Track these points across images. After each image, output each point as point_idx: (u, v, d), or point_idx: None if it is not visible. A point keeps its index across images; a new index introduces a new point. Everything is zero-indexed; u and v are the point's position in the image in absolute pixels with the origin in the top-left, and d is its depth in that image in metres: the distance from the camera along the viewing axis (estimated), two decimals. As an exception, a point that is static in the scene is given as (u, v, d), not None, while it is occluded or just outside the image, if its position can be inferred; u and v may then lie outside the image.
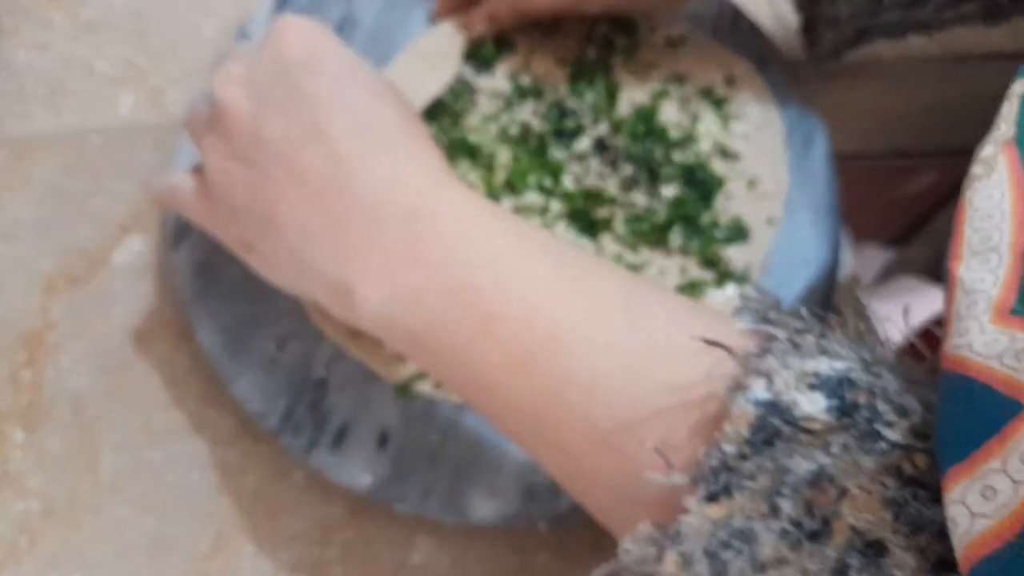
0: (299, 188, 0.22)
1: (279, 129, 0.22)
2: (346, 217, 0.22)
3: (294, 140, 0.22)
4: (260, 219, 0.23)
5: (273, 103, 0.23)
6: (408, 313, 0.21)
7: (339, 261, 0.22)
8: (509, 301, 0.20)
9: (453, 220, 0.21)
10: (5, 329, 0.32)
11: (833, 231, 0.33)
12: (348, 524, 0.30)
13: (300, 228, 0.22)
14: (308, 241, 0.22)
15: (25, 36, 0.38)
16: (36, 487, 0.30)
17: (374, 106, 0.23)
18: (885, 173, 0.65)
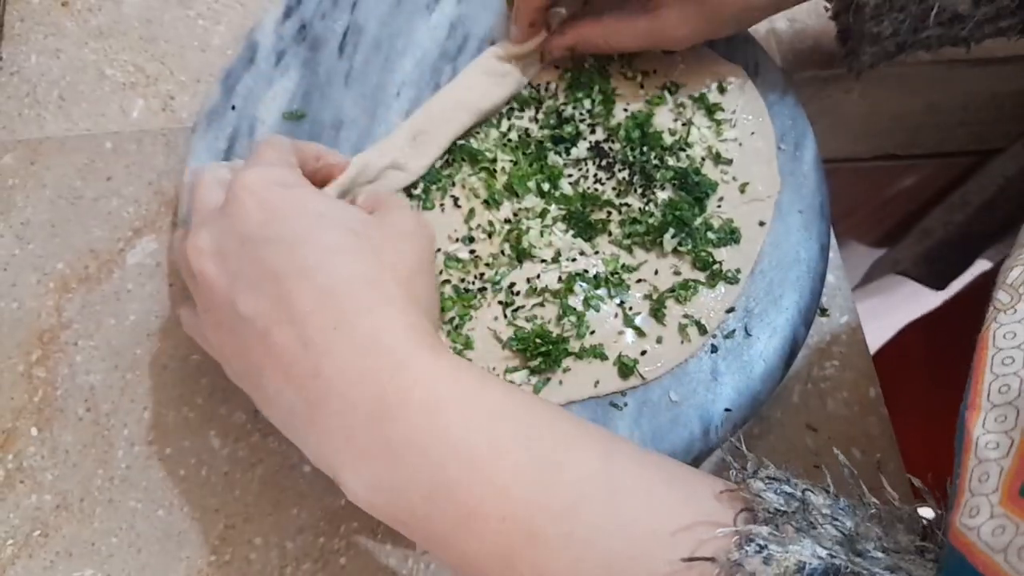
0: (277, 367, 0.23)
1: (252, 306, 0.23)
2: (321, 403, 0.22)
3: (266, 318, 0.23)
4: (252, 380, 0.24)
5: (243, 279, 0.23)
6: (391, 504, 0.22)
7: (322, 446, 0.22)
8: (485, 497, 0.20)
9: (421, 410, 0.21)
10: (20, 327, 0.33)
11: (823, 233, 0.34)
12: (354, 516, 0.31)
13: (284, 402, 0.23)
14: (292, 416, 0.23)
15: (37, 42, 0.39)
16: (49, 481, 0.31)
17: (332, 272, 0.23)
18: (875, 175, 0.66)
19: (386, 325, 0.22)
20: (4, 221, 0.35)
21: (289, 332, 0.22)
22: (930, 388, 0.54)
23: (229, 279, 0.23)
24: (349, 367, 0.22)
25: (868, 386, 0.36)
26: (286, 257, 0.23)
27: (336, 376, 0.22)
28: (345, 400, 0.22)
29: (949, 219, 0.65)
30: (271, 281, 0.23)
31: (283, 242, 0.23)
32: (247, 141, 0.34)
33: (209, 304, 0.24)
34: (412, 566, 0.31)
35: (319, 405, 0.22)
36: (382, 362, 0.22)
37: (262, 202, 0.24)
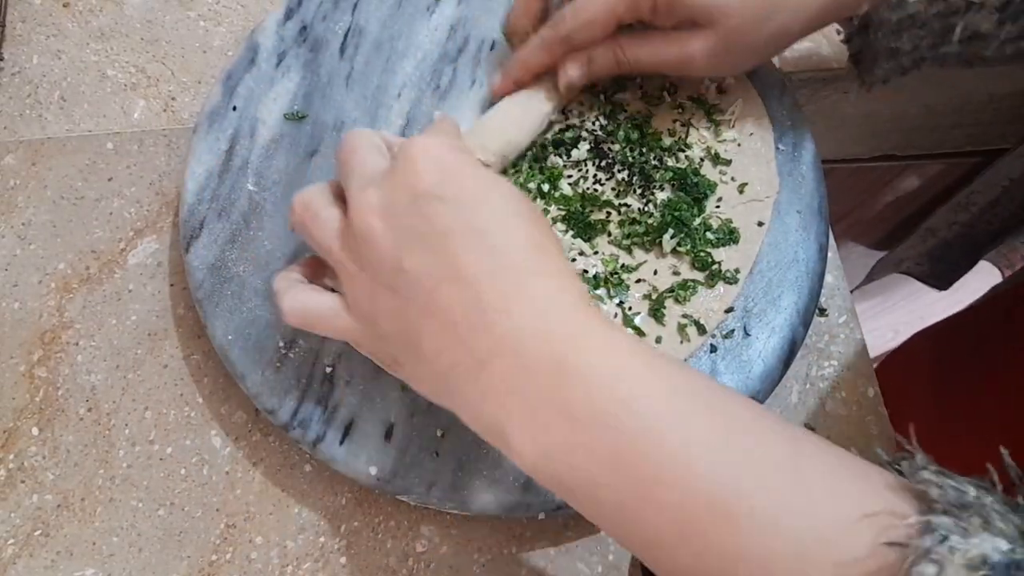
0: (441, 323, 0.22)
1: (418, 263, 0.23)
2: (491, 359, 0.22)
3: (433, 275, 0.22)
4: (407, 344, 0.24)
5: (411, 235, 0.23)
6: (563, 468, 0.21)
7: (489, 402, 0.22)
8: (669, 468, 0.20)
9: (603, 376, 0.21)
10: (21, 327, 0.33)
11: (821, 233, 0.34)
12: (354, 515, 0.31)
13: (445, 361, 0.23)
14: (455, 374, 0.23)
15: (38, 43, 0.39)
16: (51, 481, 0.31)
17: (508, 234, 0.23)
18: (873, 175, 0.67)
19: (562, 291, 0.22)
20: (6, 221, 0.35)
21: (460, 290, 0.22)
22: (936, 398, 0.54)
23: (396, 235, 0.23)
24: (526, 328, 0.21)
25: (866, 386, 0.36)
26: (460, 216, 0.23)
27: (511, 335, 0.21)
28: (521, 360, 0.21)
29: (954, 219, 0.65)
30: (441, 238, 0.22)
31: (457, 201, 0.23)
32: (248, 142, 0.34)
33: (368, 262, 0.24)
34: (412, 565, 0.31)
35: (489, 362, 0.22)
36: (561, 327, 0.21)
37: (438, 162, 0.23)
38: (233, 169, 0.33)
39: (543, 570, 0.31)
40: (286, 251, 0.32)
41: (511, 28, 0.35)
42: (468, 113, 0.36)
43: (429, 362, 0.23)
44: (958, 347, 0.56)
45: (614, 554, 0.32)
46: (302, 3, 0.37)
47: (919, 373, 0.58)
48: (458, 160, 0.24)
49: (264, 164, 0.34)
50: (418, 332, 0.23)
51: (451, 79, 0.36)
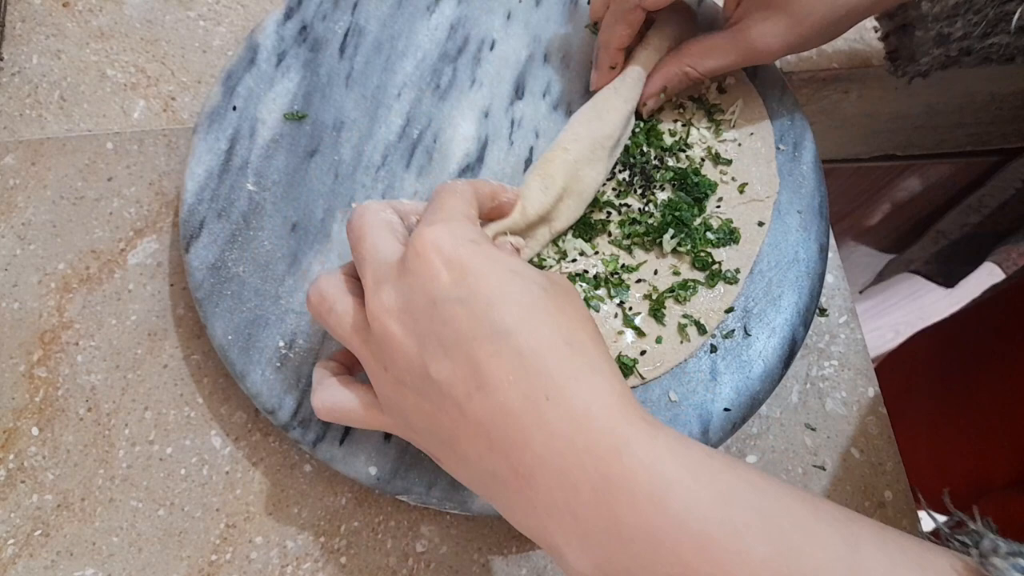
0: (476, 434, 0.21)
1: (445, 372, 0.22)
2: (531, 474, 0.21)
3: (461, 385, 0.21)
4: (441, 443, 0.23)
5: (433, 342, 0.22)
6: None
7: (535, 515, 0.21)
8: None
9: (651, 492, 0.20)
10: (21, 327, 0.33)
11: (821, 233, 0.34)
12: (354, 515, 0.31)
13: (485, 470, 0.22)
14: (495, 483, 0.22)
15: (38, 43, 0.39)
16: (51, 481, 0.31)
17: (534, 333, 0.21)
18: (874, 175, 0.67)
19: (598, 396, 0.21)
20: (5, 221, 0.35)
21: (490, 401, 0.21)
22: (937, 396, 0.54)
23: (418, 341, 0.22)
24: (565, 443, 0.20)
25: (867, 386, 0.36)
26: (481, 318, 0.21)
27: (550, 451, 0.20)
28: (564, 478, 0.20)
29: (965, 221, 0.65)
30: (465, 344, 0.21)
31: (476, 302, 0.22)
32: (248, 142, 0.34)
33: (392, 364, 0.23)
34: (412, 565, 0.31)
35: (531, 478, 0.21)
36: (602, 439, 0.20)
37: (450, 261, 0.22)
38: (233, 169, 0.33)
39: (543, 570, 0.31)
40: (286, 251, 0.32)
41: (593, 13, 0.35)
42: (468, 113, 0.36)
43: (468, 466, 0.22)
44: (959, 347, 0.56)
45: (614, 554, 0.32)
46: (302, 3, 0.37)
47: (919, 373, 0.58)
48: (472, 254, 0.22)
49: (264, 164, 0.34)
50: (453, 437, 0.22)
51: (451, 79, 0.36)
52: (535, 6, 0.38)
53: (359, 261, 0.24)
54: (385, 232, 0.25)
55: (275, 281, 0.32)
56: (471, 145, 0.35)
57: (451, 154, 0.35)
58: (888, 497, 0.34)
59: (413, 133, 0.35)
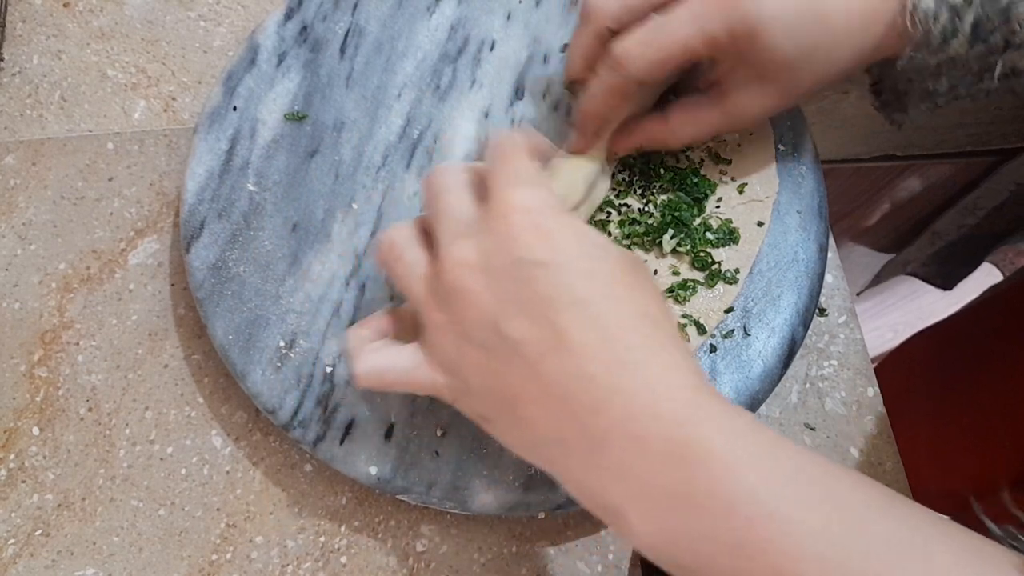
0: (546, 396, 0.21)
1: (520, 329, 0.22)
2: (606, 439, 0.21)
3: (537, 345, 0.21)
4: (501, 403, 0.23)
5: (510, 299, 0.22)
6: (685, 553, 0.20)
7: (603, 481, 0.21)
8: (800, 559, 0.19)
9: (726, 461, 0.20)
10: (22, 327, 0.33)
11: (821, 233, 0.34)
12: (354, 514, 0.31)
13: (549, 429, 0.22)
14: (559, 447, 0.22)
15: (39, 43, 0.39)
16: (51, 481, 0.31)
17: (615, 304, 0.22)
18: (874, 175, 0.67)
19: (675, 368, 0.21)
20: (6, 221, 0.35)
21: (567, 363, 0.21)
22: (936, 396, 0.54)
23: (494, 297, 0.22)
24: (642, 408, 0.21)
25: (866, 385, 0.36)
26: (565, 284, 0.22)
27: (626, 415, 0.21)
28: (638, 442, 0.21)
29: (962, 222, 0.65)
30: (546, 307, 0.21)
31: (561, 268, 0.22)
32: (248, 142, 0.34)
33: (461, 318, 0.23)
34: (412, 565, 0.31)
35: (602, 441, 0.21)
36: (679, 407, 0.21)
37: (536, 226, 0.22)
38: (233, 169, 0.33)
39: (543, 570, 0.31)
40: (286, 251, 0.32)
41: (571, 75, 0.32)
42: (468, 113, 0.36)
43: (528, 428, 0.22)
44: (958, 347, 0.56)
45: (614, 553, 0.32)
46: (302, 3, 0.37)
47: (919, 373, 0.58)
48: (556, 222, 0.23)
49: (264, 164, 0.34)
50: (516, 397, 0.22)
51: (451, 79, 0.36)
52: (535, 6, 0.38)
53: (435, 215, 0.24)
54: (464, 191, 0.25)
55: (276, 281, 0.32)
56: (471, 145, 0.35)
57: (451, 155, 0.35)
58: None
59: (413, 133, 0.35)
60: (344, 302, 0.32)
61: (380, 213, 0.33)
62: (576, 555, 0.32)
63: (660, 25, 0.27)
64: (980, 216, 0.63)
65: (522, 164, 0.24)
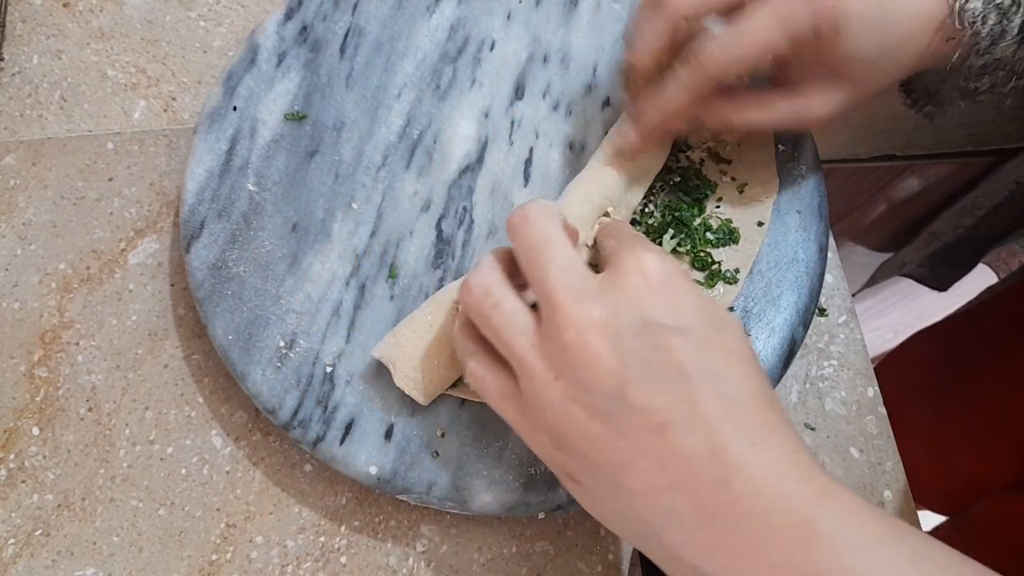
0: (663, 465, 0.21)
1: (647, 398, 0.21)
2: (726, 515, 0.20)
3: (663, 414, 0.21)
4: (601, 468, 0.22)
5: (642, 366, 0.21)
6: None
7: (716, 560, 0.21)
8: None
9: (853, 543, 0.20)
10: (22, 327, 0.33)
11: (821, 233, 0.34)
12: (354, 514, 0.31)
13: (659, 504, 0.21)
14: (668, 520, 0.21)
15: (39, 43, 0.39)
16: (51, 481, 0.31)
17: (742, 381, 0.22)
18: (874, 175, 0.67)
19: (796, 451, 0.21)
20: (6, 221, 0.35)
21: (695, 436, 0.21)
22: (936, 396, 0.54)
23: (621, 360, 0.21)
24: (768, 488, 0.20)
25: (866, 386, 0.36)
26: (696, 354, 0.21)
27: (753, 492, 0.20)
28: (762, 522, 0.20)
29: (959, 223, 0.65)
30: (678, 376, 0.21)
31: (693, 337, 0.22)
32: (248, 142, 0.34)
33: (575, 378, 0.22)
34: (412, 565, 0.31)
35: (720, 518, 0.20)
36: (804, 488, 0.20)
37: (668, 289, 0.22)
38: (233, 169, 0.33)
39: (543, 570, 0.31)
40: (286, 251, 0.32)
41: (635, 63, 0.29)
42: (468, 113, 0.36)
43: (631, 499, 0.22)
44: (957, 347, 0.56)
45: (614, 554, 0.32)
46: (302, 3, 0.37)
47: (919, 373, 0.58)
48: (686, 289, 0.22)
49: (264, 164, 0.34)
50: (626, 466, 0.21)
51: (451, 79, 0.36)
52: (535, 6, 0.38)
53: (543, 263, 0.23)
54: (569, 244, 0.24)
55: (275, 281, 0.32)
56: (471, 145, 0.35)
57: (451, 154, 0.35)
58: (888, 497, 0.34)
59: (413, 133, 0.35)
60: (344, 302, 0.32)
61: (380, 213, 0.33)
62: (576, 555, 0.31)
63: (743, 25, 0.27)
64: (978, 217, 0.63)
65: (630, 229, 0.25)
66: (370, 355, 0.31)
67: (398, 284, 0.32)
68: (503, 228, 0.34)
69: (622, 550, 0.32)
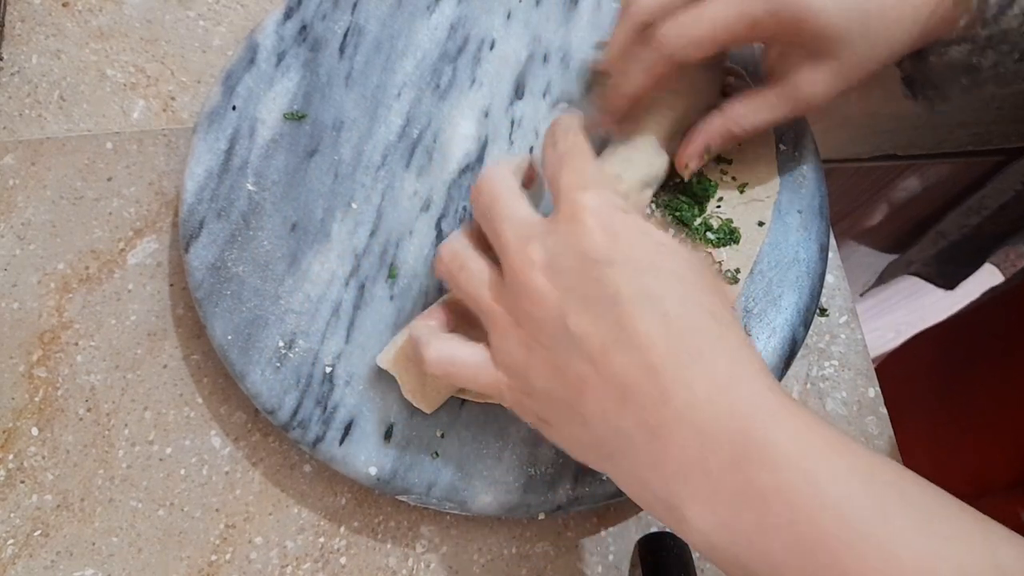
0: (609, 388, 0.22)
1: (586, 325, 0.22)
2: (666, 431, 0.21)
3: (602, 339, 0.22)
4: (563, 404, 0.23)
5: (578, 297, 0.22)
6: (746, 550, 0.20)
7: (661, 475, 0.21)
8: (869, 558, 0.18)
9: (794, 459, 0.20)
10: (21, 327, 0.33)
11: (822, 233, 0.34)
12: (354, 515, 0.31)
13: (611, 426, 0.22)
14: (620, 440, 0.22)
15: (38, 42, 0.39)
16: (50, 481, 0.31)
17: (683, 301, 0.22)
18: (876, 175, 0.66)
19: (742, 365, 0.21)
20: (5, 221, 0.35)
21: (631, 356, 0.21)
22: (937, 396, 0.54)
23: (561, 295, 0.22)
24: (708, 402, 0.21)
25: (867, 386, 0.36)
26: (631, 281, 0.22)
27: (690, 409, 0.21)
28: (703, 435, 0.20)
29: (965, 222, 0.65)
30: (611, 302, 0.22)
31: (628, 265, 0.22)
32: (247, 142, 0.34)
33: (527, 318, 0.23)
34: (412, 566, 0.31)
35: (665, 434, 0.21)
36: (746, 402, 0.21)
37: (605, 226, 0.23)
38: (233, 169, 0.33)
39: (543, 571, 0.31)
40: (285, 251, 0.32)
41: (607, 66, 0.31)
42: (468, 112, 0.36)
43: (588, 425, 0.22)
44: (959, 347, 0.56)
45: (614, 554, 0.32)
46: (302, 2, 0.37)
47: (920, 373, 0.58)
48: (627, 222, 0.23)
49: (264, 164, 0.34)
50: (579, 394, 0.22)
51: (451, 78, 0.36)
52: (535, 6, 0.38)
53: (495, 219, 0.25)
54: (518, 195, 0.25)
55: (275, 281, 0.32)
56: (471, 145, 0.35)
57: (451, 154, 0.35)
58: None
59: (413, 133, 0.35)
60: (343, 302, 0.32)
61: (379, 213, 0.33)
62: (576, 555, 0.31)
63: (701, 9, 0.28)
64: (984, 216, 0.63)
65: (585, 163, 0.25)
66: (370, 355, 0.31)
67: (398, 284, 0.32)
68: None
69: (622, 551, 0.32)
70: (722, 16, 0.27)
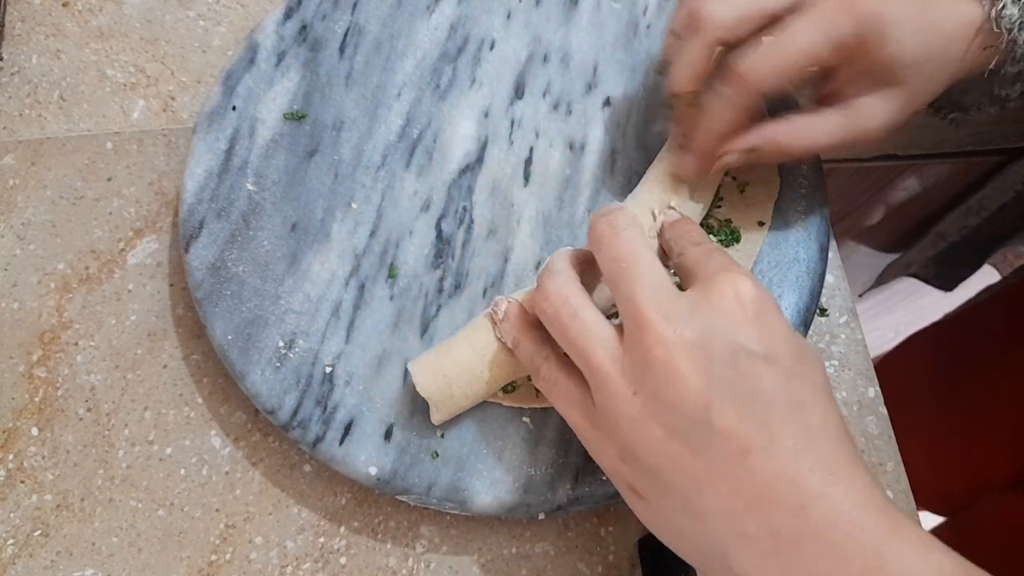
0: (742, 491, 0.21)
1: (730, 421, 0.21)
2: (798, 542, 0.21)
3: (747, 440, 0.21)
4: (672, 489, 0.22)
5: (727, 388, 0.22)
6: None
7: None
8: None
9: None
10: (21, 327, 0.33)
11: (822, 233, 0.34)
12: (354, 515, 0.31)
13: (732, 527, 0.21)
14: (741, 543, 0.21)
15: (38, 42, 0.39)
16: (50, 481, 0.31)
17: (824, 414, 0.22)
18: (876, 176, 0.66)
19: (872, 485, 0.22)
20: (5, 221, 0.35)
21: (774, 463, 0.21)
22: (937, 396, 0.54)
23: (708, 382, 0.22)
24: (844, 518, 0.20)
25: (867, 386, 0.36)
26: (785, 384, 0.22)
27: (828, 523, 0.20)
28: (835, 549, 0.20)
29: (965, 223, 0.65)
30: (764, 404, 0.21)
31: (781, 366, 0.22)
32: (247, 142, 0.34)
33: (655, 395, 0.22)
34: (412, 566, 0.31)
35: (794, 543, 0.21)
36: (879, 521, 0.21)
37: (762, 317, 0.22)
38: (233, 169, 0.33)
39: (543, 571, 0.31)
40: (285, 251, 0.32)
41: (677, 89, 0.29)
42: (468, 112, 0.36)
43: (702, 519, 0.22)
44: (959, 347, 0.56)
45: (614, 554, 0.32)
46: (302, 2, 0.37)
47: (920, 373, 0.58)
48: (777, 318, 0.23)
49: (264, 164, 0.34)
50: (701, 486, 0.22)
51: (451, 79, 0.36)
52: (535, 5, 0.38)
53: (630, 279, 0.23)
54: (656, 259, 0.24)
55: (275, 281, 0.32)
56: (471, 145, 0.35)
57: (451, 154, 0.35)
58: (889, 497, 0.34)
59: (413, 133, 0.35)
60: (343, 302, 0.32)
61: (379, 213, 0.33)
62: (576, 555, 0.31)
63: (783, 35, 0.26)
64: (983, 217, 0.63)
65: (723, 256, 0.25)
66: (370, 355, 0.31)
67: (398, 284, 0.32)
68: (503, 227, 0.34)
69: (622, 551, 0.32)
70: (806, 43, 0.26)
